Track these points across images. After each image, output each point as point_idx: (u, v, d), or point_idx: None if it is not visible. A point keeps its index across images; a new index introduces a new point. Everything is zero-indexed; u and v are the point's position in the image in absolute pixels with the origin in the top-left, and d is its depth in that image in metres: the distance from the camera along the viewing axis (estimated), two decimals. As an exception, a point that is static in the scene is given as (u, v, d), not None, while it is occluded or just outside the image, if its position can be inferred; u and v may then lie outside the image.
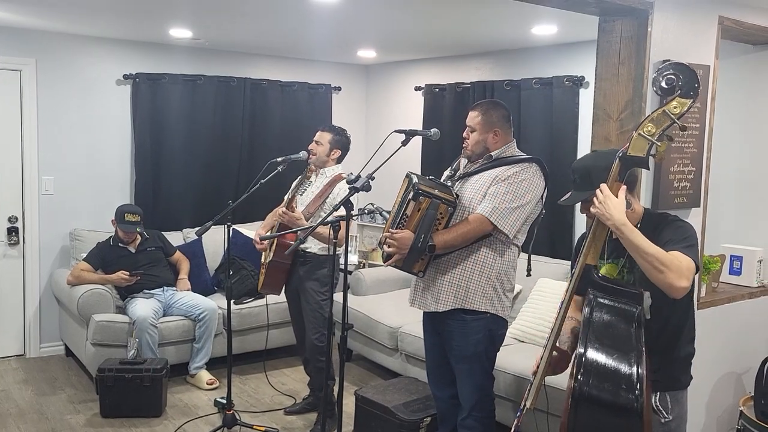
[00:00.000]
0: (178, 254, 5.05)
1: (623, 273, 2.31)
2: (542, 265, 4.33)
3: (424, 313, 3.07)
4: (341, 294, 3.06)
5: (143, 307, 4.46)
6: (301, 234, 3.37)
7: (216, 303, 4.73)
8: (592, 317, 2.11)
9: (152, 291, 4.69)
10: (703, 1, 3.08)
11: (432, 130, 3.09)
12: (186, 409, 4.24)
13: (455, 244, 2.82)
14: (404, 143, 3.00)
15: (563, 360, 2.39)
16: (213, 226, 3.68)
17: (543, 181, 2.93)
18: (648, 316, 2.13)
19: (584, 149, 4.35)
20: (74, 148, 5.15)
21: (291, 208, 3.77)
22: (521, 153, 3.00)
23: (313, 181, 3.96)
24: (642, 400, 1.95)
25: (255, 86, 5.79)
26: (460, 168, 3.08)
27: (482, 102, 3.09)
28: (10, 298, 5.06)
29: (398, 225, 2.82)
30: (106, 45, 5.21)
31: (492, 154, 2.96)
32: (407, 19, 4.14)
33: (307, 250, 3.84)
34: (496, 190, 2.83)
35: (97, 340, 4.37)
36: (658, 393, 2.30)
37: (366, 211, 4.80)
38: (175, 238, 5.26)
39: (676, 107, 2.12)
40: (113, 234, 4.79)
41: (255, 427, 3.85)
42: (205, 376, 4.61)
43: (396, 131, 3.02)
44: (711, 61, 3.15)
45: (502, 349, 3.06)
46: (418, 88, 5.94)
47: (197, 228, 3.82)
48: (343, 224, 2.92)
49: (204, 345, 4.62)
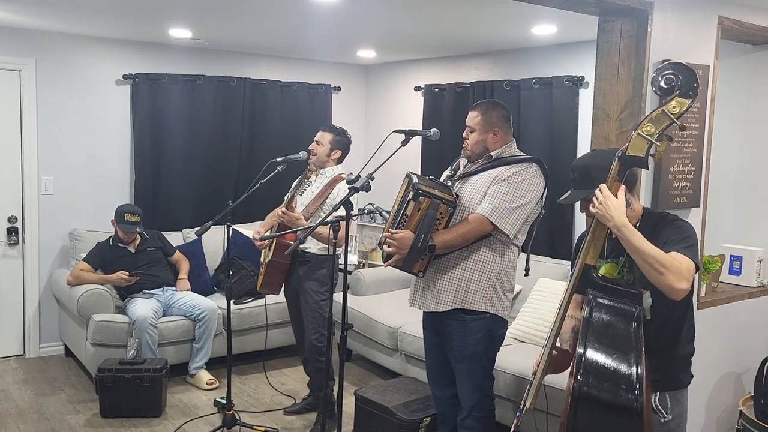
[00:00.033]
0: (177, 254, 5.05)
1: (623, 272, 2.31)
2: (542, 265, 4.34)
3: (424, 313, 3.07)
4: (341, 294, 3.06)
5: (143, 307, 4.46)
6: (301, 234, 3.37)
7: (216, 303, 4.73)
8: (591, 317, 2.11)
9: (152, 291, 4.70)
10: (703, 1, 3.08)
11: (432, 130, 3.09)
12: (186, 409, 4.24)
13: (455, 244, 2.82)
14: (404, 143, 2.99)
15: (564, 359, 2.39)
16: (213, 226, 3.67)
17: (543, 181, 2.93)
18: (649, 316, 2.12)
19: (584, 149, 4.35)
20: (74, 148, 5.15)
21: (290, 208, 3.77)
22: (521, 153, 3.00)
23: (312, 182, 3.96)
24: (641, 400, 1.95)
25: (255, 86, 5.79)
26: (460, 168, 3.07)
27: (482, 102, 3.09)
28: (9, 298, 5.06)
29: (398, 225, 2.82)
30: (106, 45, 5.21)
31: (492, 154, 2.96)
32: (407, 19, 4.14)
33: (307, 251, 3.84)
34: (496, 190, 2.83)
35: (97, 340, 4.37)
36: (657, 393, 2.30)
37: (366, 211, 4.79)
38: (175, 238, 5.26)
39: (675, 107, 2.12)
40: (113, 234, 4.80)
41: (255, 427, 3.85)
42: (205, 376, 4.61)
43: (396, 131, 3.01)
44: (711, 61, 3.15)
45: (502, 349, 3.06)
46: (417, 88, 5.94)
47: (197, 228, 3.82)
48: (342, 224, 2.91)
49: (204, 345, 4.62)
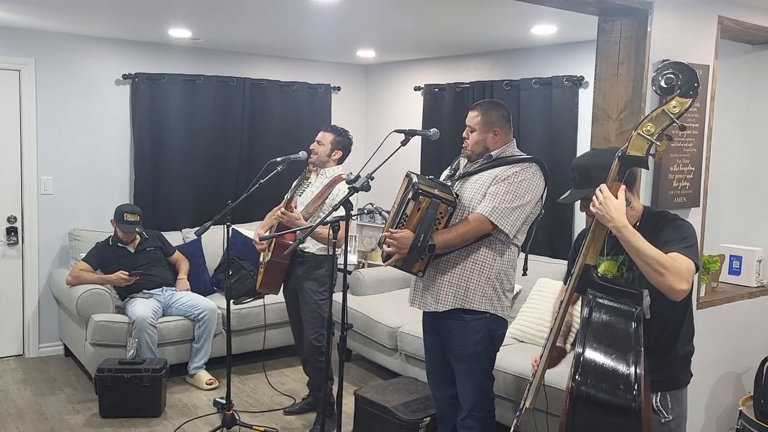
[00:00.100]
0: (177, 254, 5.05)
1: (622, 270, 2.30)
2: (541, 265, 4.34)
3: (424, 312, 3.07)
4: (341, 294, 3.06)
5: (142, 307, 4.46)
6: (300, 234, 3.37)
7: (215, 303, 4.73)
8: (591, 317, 2.11)
9: (151, 291, 4.69)
10: (703, 1, 3.08)
11: (431, 130, 3.08)
12: (185, 409, 4.24)
13: (455, 243, 2.82)
14: (404, 143, 2.99)
15: (558, 354, 2.41)
16: (212, 226, 3.67)
17: (543, 180, 2.93)
18: (648, 315, 2.12)
19: (583, 149, 4.35)
20: (73, 148, 5.14)
21: (290, 208, 3.77)
22: (521, 153, 3.00)
23: (312, 182, 3.96)
24: (640, 399, 1.95)
25: (254, 86, 5.78)
26: (460, 168, 3.07)
27: (482, 102, 3.08)
28: (9, 298, 5.06)
29: (398, 224, 2.82)
30: (106, 45, 5.21)
31: (492, 153, 2.95)
32: (407, 19, 4.14)
33: (306, 250, 3.84)
34: (496, 190, 2.83)
35: (97, 340, 4.37)
36: (659, 393, 2.30)
37: (365, 210, 4.78)
38: (175, 238, 5.26)
39: (675, 107, 2.12)
40: (112, 234, 4.79)
41: (254, 427, 3.85)
42: (205, 376, 4.60)
43: (395, 131, 3.01)
44: (710, 61, 3.15)
45: (502, 349, 3.06)
46: (417, 88, 5.94)
47: (196, 228, 3.82)
48: (342, 224, 2.91)
49: (203, 345, 4.62)
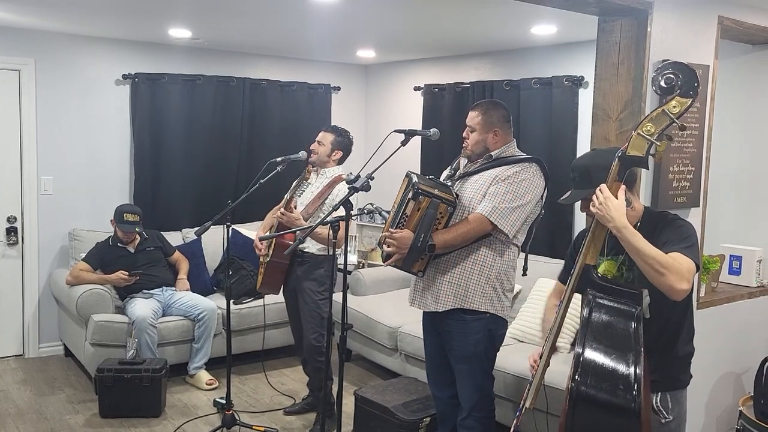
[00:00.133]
0: (177, 254, 5.04)
1: (622, 270, 2.30)
2: (541, 265, 4.33)
3: (424, 312, 3.07)
4: (341, 294, 3.06)
5: (142, 307, 4.46)
6: (300, 234, 3.37)
7: (215, 303, 4.72)
8: (591, 317, 2.10)
9: (151, 291, 4.69)
10: (703, 1, 3.08)
11: (431, 130, 3.08)
12: (185, 410, 4.24)
13: (455, 243, 2.82)
14: (404, 143, 2.99)
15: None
16: (212, 226, 3.67)
17: (543, 181, 2.93)
18: (647, 315, 2.12)
19: (583, 149, 4.35)
20: (73, 148, 5.14)
21: (290, 208, 3.77)
22: (521, 153, 2.99)
23: (312, 182, 3.96)
24: (639, 400, 1.95)
25: (254, 86, 5.78)
26: (460, 168, 3.07)
27: (482, 102, 3.08)
28: (9, 298, 5.06)
29: (398, 224, 2.81)
30: (106, 45, 5.20)
31: (492, 153, 2.95)
32: (407, 19, 4.14)
33: (305, 250, 3.84)
34: (496, 190, 2.83)
35: (96, 340, 4.37)
36: (659, 393, 2.30)
37: (365, 210, 4.78)
38: (175, 238, 5.26)
39: (675, 107, 2.12)
40: (112, 234, 4.79)
41: (254, 428, 3.85)
42: (205, 376, 4.60)
43: (395, 131, 3.01)
44: (710, 61, 3.15)
45: (502, 349, 3.06)
46: (417, 88, 5.94)
47: (196, 228, 3.82)
48: (342, 224, 2.91)
49: (203, 345, 4.62)
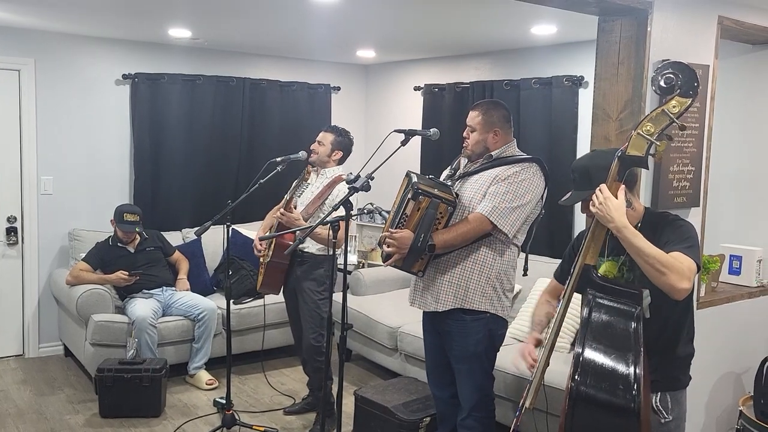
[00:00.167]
0: (177, 254, 5.04)
1: (623, 270, 2.30)
2: (541, 265, 4.32)
3: (424, 312, 3.06)
4: (341, 294, 3.06)
5: (142, 307, 4.46)
6: (300, 234, 3.37)
7: (215, 303, 4.72)
8: (590, 317, 2.10)
9: (151, 291, 4.69)
10: (703, 1, 3.08)
11: (431, 129, 3.08)
12: (185, 409, 4.24)
13: (455, 243, 2.82)
14: (404, 143, 2.99)
15: (536, 344, 2.49)
16: (212, 226, 3.67)
17: (543, 181, 2.93)
18: (647, 314, 2.12)
19: (583, 149, 4.35)
20: (73, 148, 5.14)
21: (289, 208, 3.77)
22: (521, 153, 2.99)
23: (312, 182, 3.96)
24: (639, 400, 1.95)
25: (254, 86, 5.78)
26: (460, 167, 3.07)
27: (482, 102, 3.08)
28: (9, 298, 5.06)
29: (398, 224, 2.81)
30: (105, 45, 5.20)
31: (492, 153, 2.95)
32: (407, 19, 4.14)
33: (305, 250, 3.84)
34: (496, 190, 2.83)
35: (96, 340, 4.37)
36: (659, 393, 2.30)
37: (365, 210, 4.78)
38: (175, 238, 5.26)
39: (675, 106, 2.12)
40: (112, 234, 4.79)
41: (254, 427, 3.85)
42: (205, 376, 4.60)
43: (395, 131, 3.01)
44: (710, 61, 3.15)
45: (502, 349, 3.06)
46: (417, 88, 5.94)
47: (196, 228, 3.82)
48: (342, 224, 2.91)
49: (203, 345, 4.62)
